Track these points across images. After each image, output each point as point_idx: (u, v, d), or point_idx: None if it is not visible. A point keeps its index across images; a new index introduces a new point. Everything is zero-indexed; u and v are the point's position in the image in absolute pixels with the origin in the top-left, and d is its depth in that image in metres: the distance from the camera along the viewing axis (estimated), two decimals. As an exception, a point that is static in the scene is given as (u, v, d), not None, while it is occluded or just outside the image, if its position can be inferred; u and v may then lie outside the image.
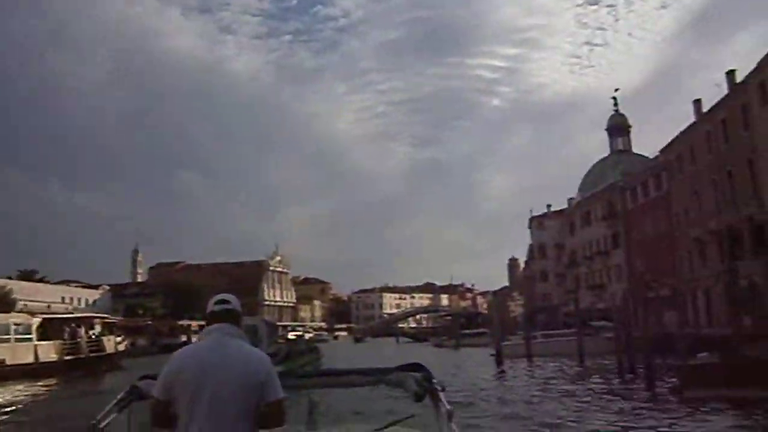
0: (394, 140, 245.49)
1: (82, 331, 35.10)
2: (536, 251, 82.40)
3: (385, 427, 3.89)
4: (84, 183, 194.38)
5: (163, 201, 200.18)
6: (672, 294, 41.00)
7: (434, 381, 3.29)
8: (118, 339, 39.30)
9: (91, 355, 33.95)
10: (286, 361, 26.62)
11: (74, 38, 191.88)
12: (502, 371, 29.97)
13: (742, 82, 34.08)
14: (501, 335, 37.37)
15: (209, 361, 2.67)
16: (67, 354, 32.31)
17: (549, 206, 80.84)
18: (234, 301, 2.92)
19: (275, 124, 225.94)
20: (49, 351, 31.47)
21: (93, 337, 36.05)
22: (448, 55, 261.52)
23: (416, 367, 3.47)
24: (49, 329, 32.79)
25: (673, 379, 18.36)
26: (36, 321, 32.28)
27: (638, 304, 39.92)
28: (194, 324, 57.24)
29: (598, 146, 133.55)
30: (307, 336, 66.50)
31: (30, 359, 30.11)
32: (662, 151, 47.30)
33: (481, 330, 67.24)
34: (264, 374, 2.69)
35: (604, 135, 74.66)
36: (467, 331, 68.22)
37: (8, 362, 28.61)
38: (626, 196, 55.11)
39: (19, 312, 35.40)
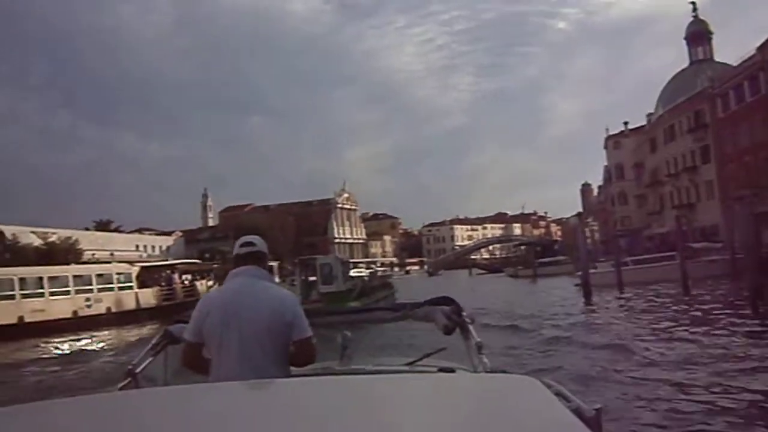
0: (457, 71, 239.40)
1: (176, 277, 36.31)
2: (613, 172, 78.92)
3: (418, 360, 3.90)
4: (156, 134, 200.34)
5: (230, 145, 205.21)
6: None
7: (463, 314, 3.32)
8: (209, 283, 40.44)
9: (186, 299, 35.11)
10: (361, 297, 26.08)
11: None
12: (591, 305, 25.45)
13: None
14: (586, 262, 32.25)
15: (236, 303, 2.69)
16: (164, 300, 33.47)
17: (626, 123, 76.93)
18: (259, 243, 2.96)
19: (335, 63, 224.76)
20: (148, 297, 32.73)
21: (186, 282, 37.25)
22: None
23: (445, 300, 3.50)
24: (146, 277, 34.13)
25: None
26: (135, 270, 33.64)
27: (733, 222, 36.84)
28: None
29: (670, 64, 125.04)
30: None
31: (132, 306, 31.41)
32: (759, 49, 43.01)
33: (559, 258, 64.20)
34: (291, 314, 2.72)
35: (675, 52, 71.09)
36: (544, 260, 64.09)
37: (113, 310, 30.00)
38: (716, 104, 51.16)
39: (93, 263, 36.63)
